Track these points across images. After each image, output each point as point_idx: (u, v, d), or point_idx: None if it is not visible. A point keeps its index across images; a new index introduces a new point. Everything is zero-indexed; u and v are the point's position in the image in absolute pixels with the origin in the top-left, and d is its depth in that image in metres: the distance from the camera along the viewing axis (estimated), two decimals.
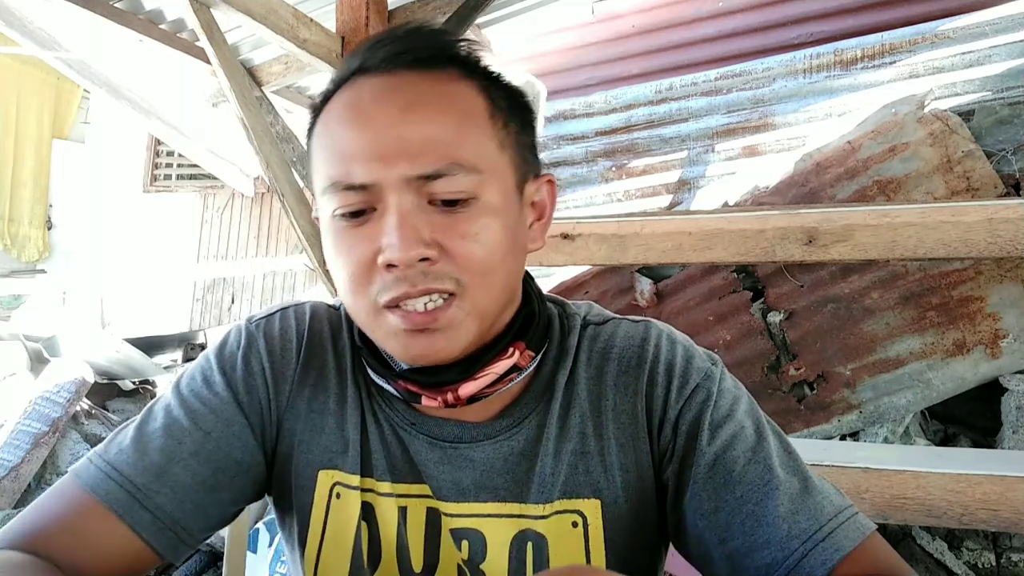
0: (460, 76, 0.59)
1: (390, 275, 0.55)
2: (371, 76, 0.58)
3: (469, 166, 0.55)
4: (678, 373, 0.64)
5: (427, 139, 0.55)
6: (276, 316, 0.70)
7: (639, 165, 3.41)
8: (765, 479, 0.58)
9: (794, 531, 0.56)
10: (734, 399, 0.64)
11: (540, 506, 0.62)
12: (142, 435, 0.62)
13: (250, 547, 2.04)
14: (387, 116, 0.55)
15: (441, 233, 0.55)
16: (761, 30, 3.37)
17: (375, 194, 0.55)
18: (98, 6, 2.25)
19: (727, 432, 0.61)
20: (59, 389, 3.17)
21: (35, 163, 6.28)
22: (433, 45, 0.59)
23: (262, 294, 5.27)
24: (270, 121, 2.46)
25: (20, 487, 2.92)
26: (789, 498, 0.57)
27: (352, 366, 0.68)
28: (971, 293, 2.29)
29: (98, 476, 0.60)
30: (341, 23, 2.23)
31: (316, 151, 0.60)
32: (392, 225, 0.54)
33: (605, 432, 0.64)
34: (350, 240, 0.57)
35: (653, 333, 0.67)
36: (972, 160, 2.34)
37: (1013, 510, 1.27)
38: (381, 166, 0.54)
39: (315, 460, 0.65)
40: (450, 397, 0.60)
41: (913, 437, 2.35)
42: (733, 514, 0.58)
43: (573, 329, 0.69)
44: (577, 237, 1.61)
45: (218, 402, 0.64)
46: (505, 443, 0.64)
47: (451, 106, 0.57)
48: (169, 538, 0.60)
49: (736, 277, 2.63)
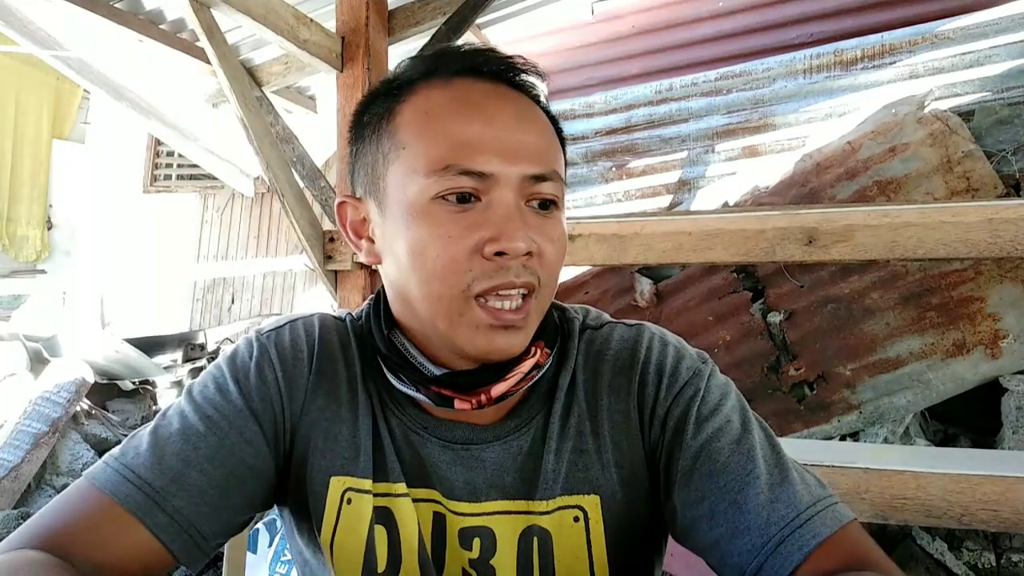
0: (536, 102, 0.66)
1: (492, 264, 0.58)
2: (479, 81, 0.63)
3: (559, 175, 0.63)
4: (668, 372, 0.67)
5: (540, 144, 0.62)
6: (286, 328, 0.71)
7: (639, 165, 3.42)
8: (747, 468, 0.61)
9: (773, 518, 0.58)
10: (722, 395, 0.67)
11: (544, 502, 0.65)
12: (158, 440, 0.63)
13: (250, 547, 2.04)
14: (508, 119, 0.61)
15: (538, 233, 0.60)
16: (761, 30, 3.37)
17: (487, 185, 0.59)
18: (98, 6, 2.24)
19: (713, 425, 0.64)
20: (59, 389, 3.17)
21: (35, 163, 6.28)
22: (525, 70, 0.65)
23: (262, 294, 5.27)
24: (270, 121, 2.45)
25: (20, 487, 2.92)
26: (770, 487, 0.60)
27: (362, 374, 0.70)
28: (971, 293, 2.29)
29: (116, 479, 0.60)
30: (341, 23, 2.23)
31: (409, 135, 0.62)
32: (508, 217, 0.58)
33: (601, 431, 0.67)
34: (453, 224, 0.59)
35: (645, 336, 0.71)
36: (972, 160, 2.34)
37: (1013, 510, 1.27)
38: (504, 161, 0.59)
39: (328, 466, 0.67)
40: (483, 398, 0.63)
41: (913, 437, 2.35)
42: (717, 502, 0.61)
43: (572, 333, 0.72)
44: (577, 237, 1.61)
45: (232, 410, 0.65)
46: (514, 443, 0.67)
47: (543, 121, 0.65)
48: (185, 541, 0.61)
49: (736, 277, 2.63)
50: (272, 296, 5.24)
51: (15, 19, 3.10)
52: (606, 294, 2.85)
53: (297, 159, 2.47)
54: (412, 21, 2.39)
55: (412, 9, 2.39)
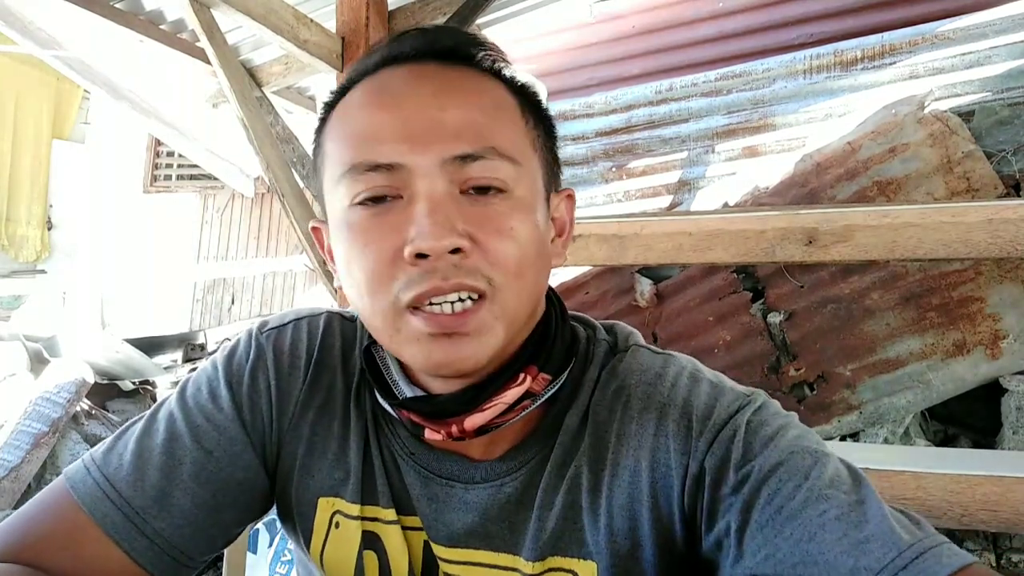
0: (489, 73, 0.57)
1: (416, 269, 0.50)
2: (397, 66, 0.55)
3: (505, 154, 0.52)
4: (699, 417, 0.55)
5: (464, 120, 0.52)
6: (289, 327, 0.66)
7: (639, 166, 3.42)
8: (820, 509, 0.49)
9: (863, 562, 0.46)
10: (779, 426, 0.54)
11: (531, 564, 0.56)
12: (142, 450, 0.59)
13: (250, 547, 2.04)
14: (419, 99, 0.52)
15: (475, 224, 0.51)
16: (761, 31, 3.37)
17: (402, 179, 0.51)
18: (98, 6, 2.25)
19: (768, 464, 0.51)
20: (59, 389, 3.17)
21: (35, 163, 6.27)
22: (463, 40, 0.57)
23: (262, 294, 5.27)
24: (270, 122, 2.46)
25: (20, 487, 2.92)
26: (855, 526, 0.48)
27: (358, 387, 0.64)
28: (971, 294, 2.29)
29: (95, 493, 0.57)
30: (341, 23, 2.23)
31: (330, 142, 0.56)
32: (423, 211, 0.49)
33: (603, 489, 0.56)
34: (370, 231, 0.51)
35: (671, 370, 0.59)
36: (972, 161, 2.34)
37: (1013, 510, 1.27)
38: (412, 148, 0.51)
39: (316, 486, 0.62)
40: (455, 430, 0.55)
41: (913, 438, 2.35)
42: (784, 560, 0.48)
43: (596, 358, 0.61)
44: (577, 237, 1.61)
45: (222, 418, 0.61)
46: (504, 488, 0.58)
47: (484, 93, 0.55)
48: (168, 563, 0.57)
49: (736, 278, 2.63)
50: (272, 296, 5.24)
51: (15, 19, 3.11)
52: (606, 295, 2.85)
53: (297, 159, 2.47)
54: (412, 21, 2.39)
55: (412, 9, 2.40)
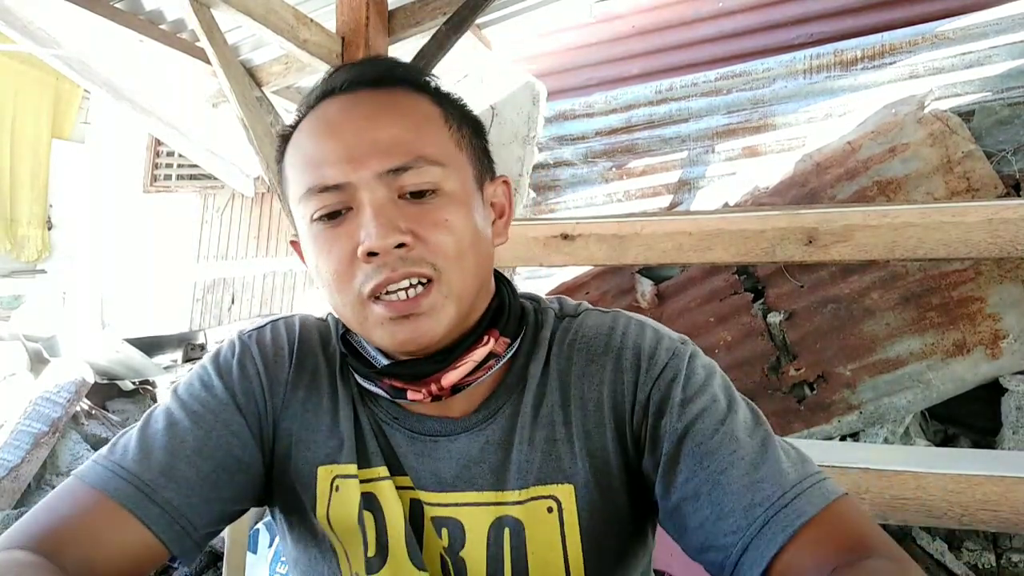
0: (413, 91, 0.67)
1: (370, 265, 0.60)
2: (335, 97, 0.66)
3: (432, 160, 0.62)
4: (646, 356, 0.67)
5: (393, 138, 0.62)
6: (267, 327, 0.74)
7: (639, 165, 3.41)
8: (731, 449, 0.60)
9: (757, 498, 0.57)
10: (706, 375, 0.66)
11: (516, 492, 0.65)
12: (145, 437, 0.65)
13: (250, 547, 2.04)
14: (354, 124, 0.63)
15: (414, 222, 0.61)
16: (761, 31, 3.37)
17: (349, 194, 0.61)
18: (98, 6, 2.24)
19: (697, 406, 0.63)
20: (59, 389, 3.17)
21: (34, 163, 6.27)
22: (387, 67, 0.68)
23: (262, 294, 5.27)
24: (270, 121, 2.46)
25: (20, 487, 2.92)
26: (755, 467, 0.59)
27: (341, 369, 0.72)
28: (971, 293, 2.29)
29: (106, 475, 0.62)
30: (341, 23, 2.23)
31: (289, 169, 0.66)
32: (368, 217, 0.60)
33: (573, 420, 0.67)
34: (330, 240, 0.62)
35: (621, 321, 0.71)
36: (972, 160, 2.34)
37: (1013, 510, 1.27)
38: (353, 167, 0.61)
39: (313, 457, 0.69)
40: (434, 388, 0.64)
41: (913, 438, 2.35)
42: (701, 484, 0.60)
43: (547, 322, 0.72)
44: (577, 237, 1.61)
45: (216, 404, 0.68)
46: (481, 434, 0.67)
47: (410, 111, 0.65)
48: (177, 532, 0.62)
49: (737, 278, 2.63)
50: (272, 296, 5.24)
51: (15, 19, 3.11)
52: (606, 295, 2.85)
53: None
54: (412, 21, 2.39)
55: (412, 9, 2.40)
